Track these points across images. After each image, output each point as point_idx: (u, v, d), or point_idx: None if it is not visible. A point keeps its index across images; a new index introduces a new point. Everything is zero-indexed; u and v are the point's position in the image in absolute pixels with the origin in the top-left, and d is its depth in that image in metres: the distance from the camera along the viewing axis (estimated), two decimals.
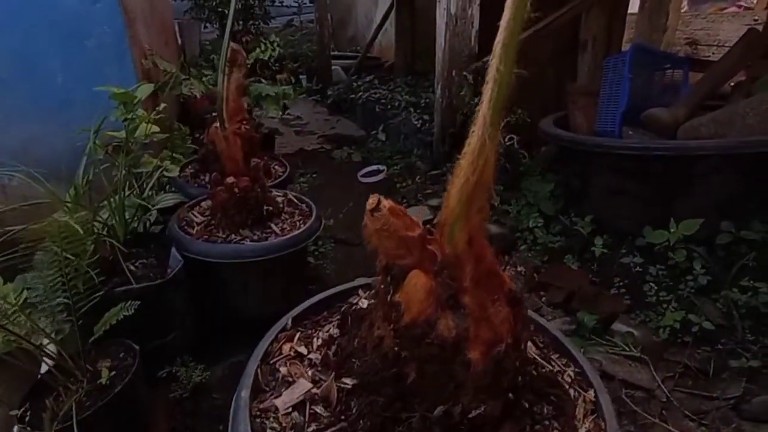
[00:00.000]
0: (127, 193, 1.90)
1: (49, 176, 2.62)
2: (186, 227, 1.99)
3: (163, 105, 1.97)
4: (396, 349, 0.82)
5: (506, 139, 3.15)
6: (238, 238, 1.93)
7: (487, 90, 0.71)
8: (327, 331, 1.14)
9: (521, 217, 2.79)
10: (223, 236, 1.94)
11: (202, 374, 1.75)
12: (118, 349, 1.57)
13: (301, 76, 7.00)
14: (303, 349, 1.09)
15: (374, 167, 3.82)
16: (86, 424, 1.28)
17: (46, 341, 1.43)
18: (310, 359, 1.07)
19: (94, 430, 1.32)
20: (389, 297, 0.87)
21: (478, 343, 0.77)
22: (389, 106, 4.63)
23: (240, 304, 2.00)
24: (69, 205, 1.60)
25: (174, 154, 2.66)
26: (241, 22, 6.72)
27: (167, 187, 2.60)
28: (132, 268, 1.72)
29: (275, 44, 3.17)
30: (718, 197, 2.28)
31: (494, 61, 0.68)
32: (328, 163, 4.15)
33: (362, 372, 0.89)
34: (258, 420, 0.92)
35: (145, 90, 1.81)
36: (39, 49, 2.49)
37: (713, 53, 3.67)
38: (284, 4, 7.43)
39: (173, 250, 1.78)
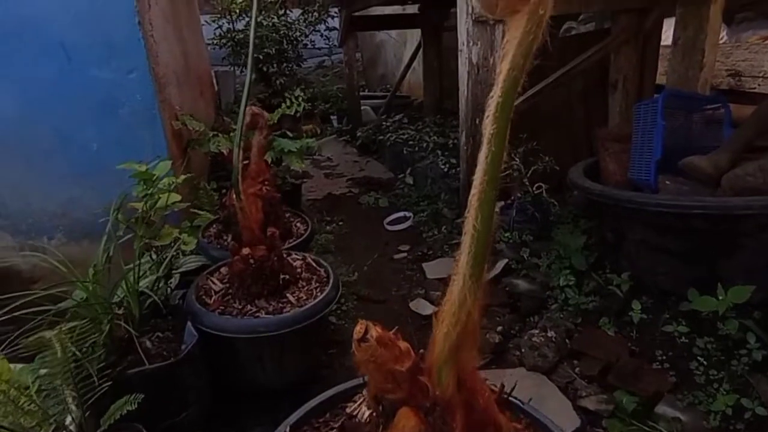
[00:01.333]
0: (146, 263, 1.93)
1: (84, 236, 2.77)
2: (203, 297, 1.99)
3: (182, 177, 2.01)
4: None
5: (534, 188, 3.05)
6: (254, 309, 1.91)
7: (465, 245, 0.65)
8: None
9: (551, 273, 2.65)
10: (239, 307, 1.93)
11: None
12: None
13: (332, 117, 7.13)
14: None
15: (401, 214, 3.77)
16: None
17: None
18: None
19: None
20: None
21: None
22: (417, 148, 4.61)
23: (256, 376, 1.96)
24: (88, 284, 1.62)
25: (199, 212, 2.71)
26: (275, 65, 6.97)
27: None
28: (147, 344, 1.72)
29: (300, 98, 3.22)
30: None
31: (470, 217, 0.63)
32: (355, 209, 4.14)
33: None
34: None
35: (162, 168, 1.85)
36: (78, 120, 2.66)
37: (759, 85, 3.45)
38: (316, 46, 7.66)
39: (188, 324, 1.77)
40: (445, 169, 3.96)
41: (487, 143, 0.58)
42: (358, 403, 1.18)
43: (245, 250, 1.92)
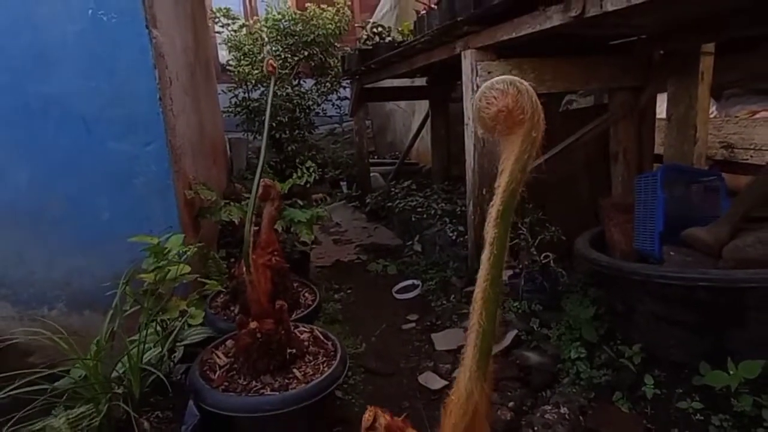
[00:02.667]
0: (151, 334, 1.92)
1: (86, 306, 2.77)
2: (207, 372, 1.97)
3: (193, 249, 2.05)
4: None
5: (542, 257, 3.06)
6: (259, 386, 1.88)
7: (471, 339, 0.67)
8: None
9: (562, 345, 2.60)
10: (244, 383, 1.90)
11: None
12: None
13: (341, 182, 7.30)
14: None
15: (409, 282, 3.77)
16: None
17: None
18: None
19: None
20: None
21: None
22: (425, 215, 4.66)
23: None
24: (89, 362, 1.62)
25: (207, 281, 2.73)
26: (287, 132, 7.26)
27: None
28: (145, 425, 1.69)
29: (311, 170, 3.33)
30: None
31: (475, 314, 0.65)
32: (364, 277, 4.14)
33: None
34: None
35: (175, 241, 1.90)
36: (92, 190, 2.71)
37: (750, 156, 3.59)
38: (327, 114, 7.99)
39: (190, 403, 1.74)
40: (453, 237, 3.99)
41: (489, 246, 0.62)
42: None
43: (253, 324, 1.92)
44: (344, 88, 7.63)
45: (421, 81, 6.21)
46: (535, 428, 2.12)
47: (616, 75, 3.23)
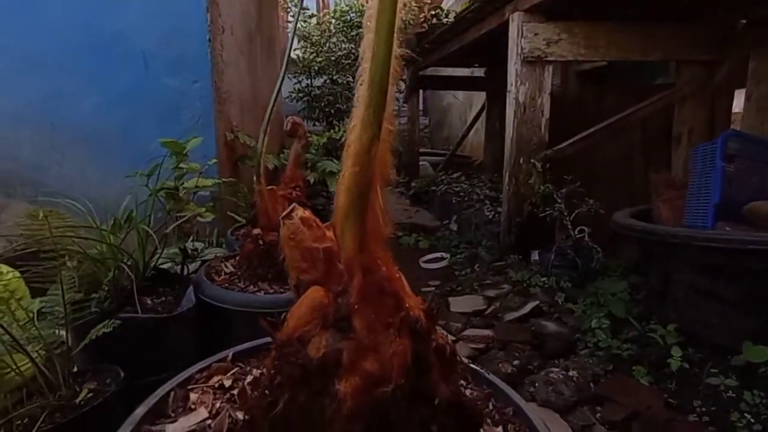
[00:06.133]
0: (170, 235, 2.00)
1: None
2: (213, 274, 2.01)
3: (214, 160, 2.11)
4: (273, 372, 0.67)
5: (576, 231, 2.87)
6: (255, 290, 1.90)
7: (365, 72, 0.62)
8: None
9: (585, 318, 2.42)
10: (243, 286, 1.92)
11: None
12: (109, 375, 1.53)
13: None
14: (229, 383, 0.96)
15: (438, 254, 3.68)
16: None
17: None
18: (233, 393, 0.93)
19: None
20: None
21: (355, 375, 0.60)
22: (466, 198, 4.56)
23: None
24: (105, 231, 1.71)
25: (238, 217, 2.82)
26: (345, 120, 7.37)
27: (222, 244, 2.74)
28: (148, 301, 1.75)
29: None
30: None
31: (369, 35, 0.61)
32: (394, 248, 4.05)
33: (251, 404, 0.74)
34: None
35: (193, 142, 1.97)
36: (143, 119, 2.92)
37: None
38: None
39: (189, 290, 1.78)
40: (490, 216, 3.86)
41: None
42: None
43: (256, 231, 1.95)
44: (404, 81, 7.65)
45: (480, 71, 6.12)
46: (536, 384, 1.96)
47: (683, 46, 2.96)
